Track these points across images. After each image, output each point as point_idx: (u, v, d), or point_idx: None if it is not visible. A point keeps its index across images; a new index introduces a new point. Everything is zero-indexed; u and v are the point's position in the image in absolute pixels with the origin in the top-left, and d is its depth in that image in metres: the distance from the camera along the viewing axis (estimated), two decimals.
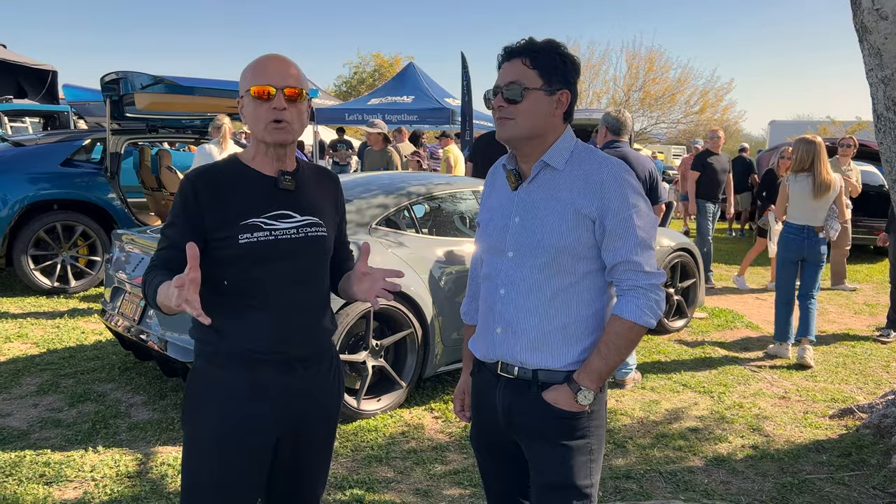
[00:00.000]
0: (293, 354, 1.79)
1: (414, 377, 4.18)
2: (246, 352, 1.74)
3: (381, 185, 4.63)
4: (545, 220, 1.73)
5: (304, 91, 1.74)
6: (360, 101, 15.77)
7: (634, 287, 1.70)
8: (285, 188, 1.77)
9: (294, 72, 1.74)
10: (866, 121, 21.73)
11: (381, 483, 3.27)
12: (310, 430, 1.88)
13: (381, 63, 40.71)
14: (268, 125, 1.70)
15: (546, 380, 1.75)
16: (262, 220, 1.73)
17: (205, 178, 1.73)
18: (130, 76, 6.77)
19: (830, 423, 4.14)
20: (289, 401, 1.79)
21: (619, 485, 3.31)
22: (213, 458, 1.75)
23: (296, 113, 1.73)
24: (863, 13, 3.27)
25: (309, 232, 1.80)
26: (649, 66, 31.36)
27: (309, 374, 1.83)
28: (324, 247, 1.85)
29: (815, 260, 5.27)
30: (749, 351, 5.64)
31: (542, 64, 1.70)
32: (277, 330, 1.75)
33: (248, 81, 1.72)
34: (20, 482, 3.15)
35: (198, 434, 1.78)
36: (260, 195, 1.75)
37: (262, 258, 1.73)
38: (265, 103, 1.69)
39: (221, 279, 1.74)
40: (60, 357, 4.89)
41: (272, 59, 1.75)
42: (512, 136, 1.74)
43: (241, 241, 1.70)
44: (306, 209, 1.81)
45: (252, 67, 1.74)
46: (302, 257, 1.78)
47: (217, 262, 1.73)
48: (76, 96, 10.89)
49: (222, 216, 1.71)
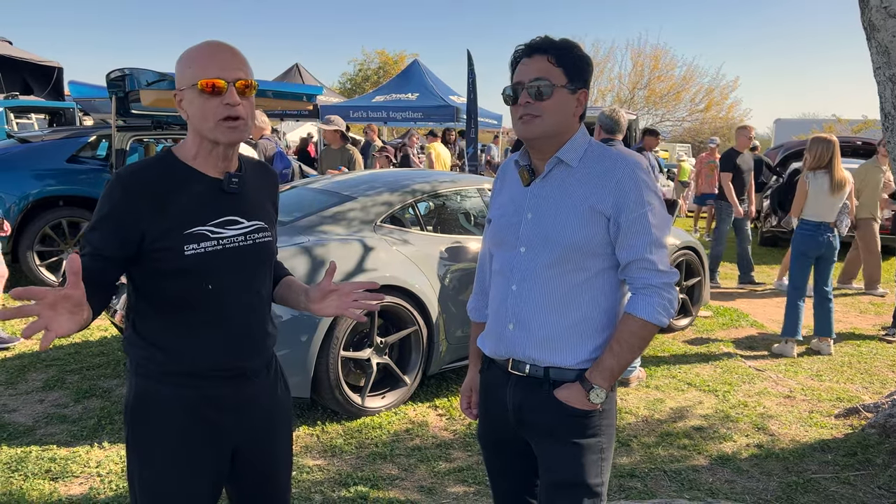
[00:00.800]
0: (246, 367, 1.70)
1: (418, 374, 4.18)
2: (198, 369, 1.63)
3: (385, 182, 4.63)
4: (559, 216, 1.72)
5: (253, 84, 1.57)
6: (364, 99, 15.75)
7: (648, 285, 1.69)
8: (231, 192, 1.62)
9: (243, 62, 1.58)
10: (872, 119, 21.64)
11: (385, 480, 3.27)
12: (267, 435, 1.81)
13: (386, 60, 40.67)
14: (219, 123, 1.53)
15: (557, 378, 1.75)
16: (207, 229, 1.57)
17: (141, 180, 1.54)
18: (136, 73, 6.78)
19: (836, 423, 4.13)
20: (240, 411, 1.70)
21: (623, 483, 3.31)
22: (170, 481, 1.64)
23: (248, 108, 1.57)
24: (871, 11, 3.25)
25: (257, 238, 1.67)
26: (654, 64, 31.34)
27: (258, 380, 1.75)
28: (270, 252, 1.74)
29: (831, 256, 5.43)
30: (754, 350, 5.62)
31: (566, 62, 1.70)
32: (231, 344, 1.64)
33: (192, 73, 1.53)
34: (26, 477, 3.17)
35: (152, 456, 1.65)
36: (205, 200, 1.58)
37: (211, 270, 1.58)
38: (215, 98, 1.52)
39: (164, 293, 1.59)
40: (66, 353, 4.91)
41: (219, 47, 1.57)
42: (539, 133, 1.71)
43: (186, 252, 1.54)
44: (252, 213, 1.67)
45: (195, 57, 1.55)
46: (251, 266, 1.66)
47: (158, 275, 1.57)
48: (82, 93, 10.88)
49: (163, 224, 1.53)
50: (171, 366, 1.62)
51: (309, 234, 4.01)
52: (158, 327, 1.62)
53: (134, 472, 1.68)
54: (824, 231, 5.36)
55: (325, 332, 3.67)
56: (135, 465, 1.68)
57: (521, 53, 1.75)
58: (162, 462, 1.64)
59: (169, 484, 1.65)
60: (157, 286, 1.59)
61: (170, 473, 1.65)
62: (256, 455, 1.79)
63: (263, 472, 1.83)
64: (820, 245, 5.39)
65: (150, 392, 1.64)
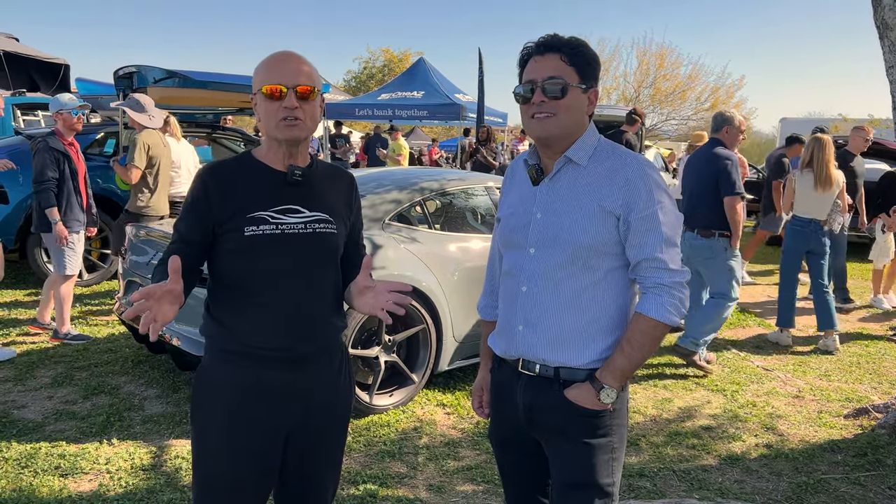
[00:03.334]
0: (297, 352, 1.77)
1: (426, 373, 4.18)
2: (250, 348, 1.73)
3: (394, 180, 4.62)
4: (569, 215, 1.71)
5: (315, 89, 1.73)
6: (370, 97, 15.74)
7: (659, 285, 1.68)
8: (295, 182, 1.75)
9: (306, 69, 1.73)
10: (878, 118, 21.56)
11: (394, 478, 3.27)
12: (319, 430, 1.85)
13: (391, 58, 40.68)
14: (279, 122, 1.69)
15: (568, 377, 1.74)
16: (268, 214, 1.72)
17: (214, 173, 1.74)
18: (143, 70, 6.80)
19: (845, 423, 4.11)
20: (294, 399, 1.78)
21: (632, 483, 3.30)
22: (222, 453, 1.74)
23: (308, 110, 1.71)
24: (884, 10, 3.23)
25: (317, 228, 1.77)
26: (660, 63, 31.26)
27: (315, 372, 1.81)
28: (332, 244, 1.81)
29: (820, 251, 5.59)
30: (761, 349, 5.60)
31: (579, 61, 1.69)
32: (280, 326, 1.73)
33: (260, 80, 1.71)
34: (36, 474, 3.17)
35: (206, 429, 1.77)
36: (268, 189, 1.74)
37: (267, 251, 1.71)
38: (277, 102, 1.69)
39: (226, 272, 1.74)
40: (74, 350, 4.91)
41: (284, 56, 1.73)
42: (555, 133, 1.70)
43: (246, 233, 1.69)
44: (316, 205, 1.79)
45: (264, 65, 1.73)
46: (308, 253, 1.76)
47: (223, 254, 1.74)
48: (89, 90, 10.90)
49: (230, 209, 1.70)
50: (227, 341, 1.75)
51: None
52: (220, 306, 1.77)
53: (193, 444, 1.81)
54: (814, 228, 5.55)
55: None
56: (193, 438, 1.81)
57: (532, 51, 1.73)
58: (212, 438, 1.76)
59: (217, 462, 1.76)
60: (221, 266, 1.75)
61: (218, 451, 1.76)
62: (306, 448, 1.84)
63: (308, 470, 1.87)
64: (809, 240, 5.58)
65: (210, 369, 1.79)
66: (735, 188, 4.69)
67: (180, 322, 3.90)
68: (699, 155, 5.04)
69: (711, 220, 4.81)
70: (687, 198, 5.05)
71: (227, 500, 1.77)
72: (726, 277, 4.86)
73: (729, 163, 4.73)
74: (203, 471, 1.78)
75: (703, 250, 4.90)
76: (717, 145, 4.91)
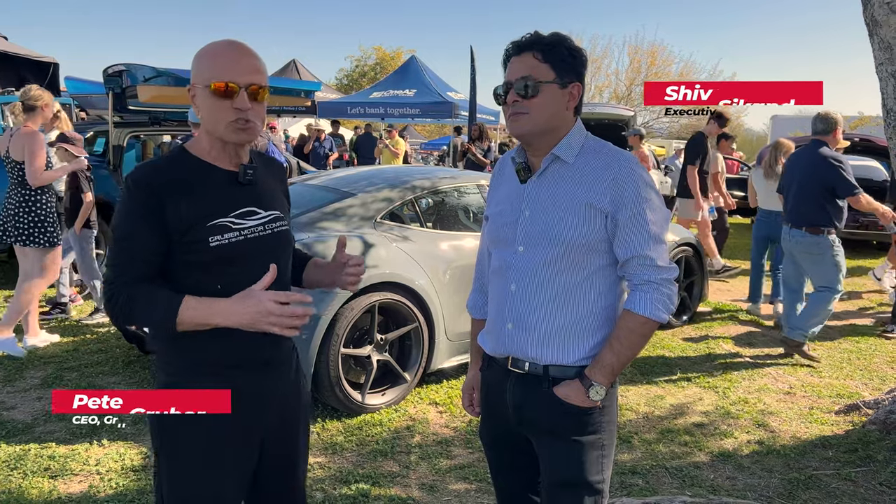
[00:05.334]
0: (266, 357, 1.71)
1: (419, 371, 4.17)
2: (222, 360, 1.64)
3: (385, 179, 4.61)
4: (556, 213, 1.71)
5: (265, 87, 1.61)
6: (362, 95, 15.74)
7: (647, 282, 1.68)
8: (247, 183, 1.65)
9: (259, 65, 1.61)
10: (868, 115, 21.69)
11: (386, 477, 3.26)
12: (290, 429, 1.84)
13: (383, 56, 40.59)
14: (229, 124, 1.57)
15: (557, 375, 1.74)
16: (229, 220, 1.60)
17: (160, 175, 1.57)
18: (134, 69, 6.76)
19: (836, 419, 4.13)
20: (268, 403, 1.74)
21: (624, 480, 3.30)
22: (198, 474, 1.66)
23: (258, 111, 1.60)
24: (873, 7, 3.24)
25: (275, 227, 1.70)
26: (651, 61, 31.35)
27: (280, 374, 1.77)
28: (289, 241, 1.78)
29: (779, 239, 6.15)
30: (753, 346, 5.62)
31: (554, 57, 1.68)
32: (251, 334, 1.59)
33: (207, 73, 1.56)
34: (25, 475, 3.15)
35: (179, 452, 1.66)
36: (223, 193, 1.62)
37: (235, 260, 1.61)
38: (226, 100, 1.55)
39: (191, 284, 1.58)
40: (64, 350, 4.88)
41: (236, 49, 1.60)
42: (528, 130, 1.71)
43: (211, 244, 1.57)
44: (268, 203, 1.71)
45: (211, 56, 1.58)
46: (272, 255, 1.67)
47: (184, 266, 1.59)
48: (78, 89, 10.82)
49: (187, 218, 1.55)
50: (197, 355, 1.63)
51: (309, 230, 3.99)
52: None
53: (162, 472, 1.69)
54: (775, 218, 6.23)
55: (326, 330, 3.65)
56: (163, 466, 1.68)
57: (510, 52, 1.74)
58: (190, 463, 1.65)
59: (197, 485, 1.66)
60: (184, 279, 1.59)
61: (198, 474, 1.65)
62: (281, 448, 1.82)
63: (285, 466, 1.86)
64: (770, 229, 6.35)
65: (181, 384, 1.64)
66: (853, 188, 4.93)
67: None
68: (804, 156, 5.22)
69: (820, 218, 5.03)
70: (792, 197, 5.23)
71: None
72: (834, 272, 5.07)
73: (840, 165, 4.95)
74: (183, 492, 1.67)
75: (811, 246, 5.10)
76: (821, 146, 5.08)
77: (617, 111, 14.43)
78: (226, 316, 1.53)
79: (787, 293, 5.50)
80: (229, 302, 1.53)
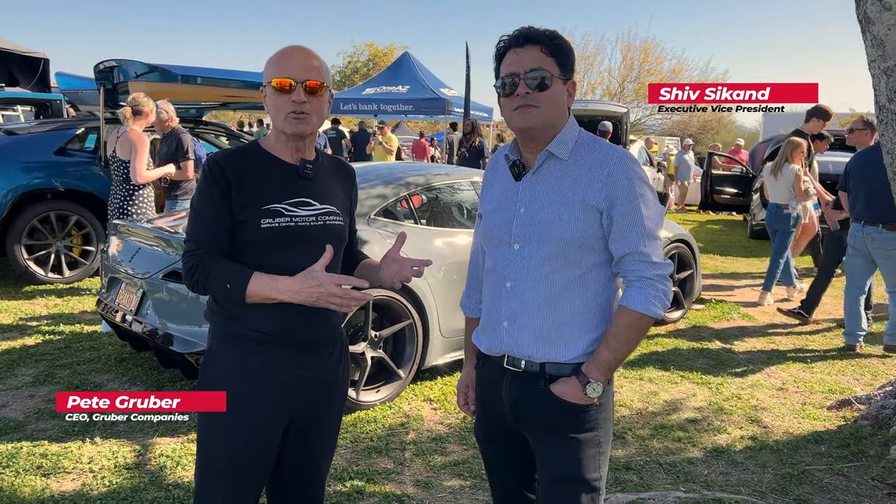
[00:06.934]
0: (302, 339, 1.82)
1: (413, 368, 4.17)
2: (257, 334, 1.77)
3: (379, 175, 4.60)
4: (552, 210, 1.70)
5: (324, 84, 1.77)
6: (355, 91, 15.67)
7: (642, 278, 1.68)
8: (306, 177, 1.81)
9: (316, 64, 1.77)
10: (860, 112, 21.76)
11: (381, 474, 3.26)
12: (319, 417, 1.92)
13: (376, 53, 40.53)
14: (287, 116, 1.74)
15: (554, 373, 1.73)
16: (283, 206, 1.76)
17: (231, 161, 1.77)
18: (125, 64, 6.71)
19: (829, 415, 4.15)
20: (298, 385, 1.83)
21: (619, 476, 3.31)
22: (223, 435, 1.79)
23: (316, 105, 1.76)
24: (866, 3, 3.24)
25: (327, 220, 1.84)
26: (644, 57, 31.41)
27: (318, 360, 1.87)
28: (340, 235, 1.89)
29: (784, 228, 6.85)
30: (746, 342, 5.65)
31: (558, 53, 1.68)
32: (290, 315, 1.76)
33: (270, 72, 1.76)
34: (17, 474, 3.13)
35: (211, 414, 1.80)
36: (281, 182, 1.79)
37: (282, 243, 1.76)
38: (285, 95, 1.73)
39: (238, 261, 1.76)
40: (56, 347, 4.85)
41: (295, 50, 1.78)
42: (540, 123, 1.69)
43: (262, 225, 1.73)
44: (324, 198, 1.85)
45: (275, 58, 1.77)
46: (319, 244, 1.79)
47: (236, 244, 1.76)
48: (68, 84, 10.74)
49: (245, 200, 1.74)
50: (236, 327, 1.79)
51: None
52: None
53: (198, 430, 1.86)
54: (777, 209, 6.83)
55: None
56: (199, 424, 1.86)
57: (510, 43, 1.71)
58: (216, 421, 1.80)
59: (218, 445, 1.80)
60: (233, 255, 1.77)
61: (220, 432, 1.80)
62: (306, 434, 1.91)
63: (307, 454, 1.95)
64: (773, 220, 6.92)
65: (218, 353, 1.83)
66: None
67: (166, 319, 3.87)
68: (873, 153, 5.15)
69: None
70: (865, 195, 5.20)
71: (225, 487, 1.81)
72: None
73: None
74: (205, 455, 1.83)
75: (888, 242, 5.09)
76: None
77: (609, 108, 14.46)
78: (290, 293, 1.69)
79: (852, 289, 5.45)
80: (293, 280, 1.69)
